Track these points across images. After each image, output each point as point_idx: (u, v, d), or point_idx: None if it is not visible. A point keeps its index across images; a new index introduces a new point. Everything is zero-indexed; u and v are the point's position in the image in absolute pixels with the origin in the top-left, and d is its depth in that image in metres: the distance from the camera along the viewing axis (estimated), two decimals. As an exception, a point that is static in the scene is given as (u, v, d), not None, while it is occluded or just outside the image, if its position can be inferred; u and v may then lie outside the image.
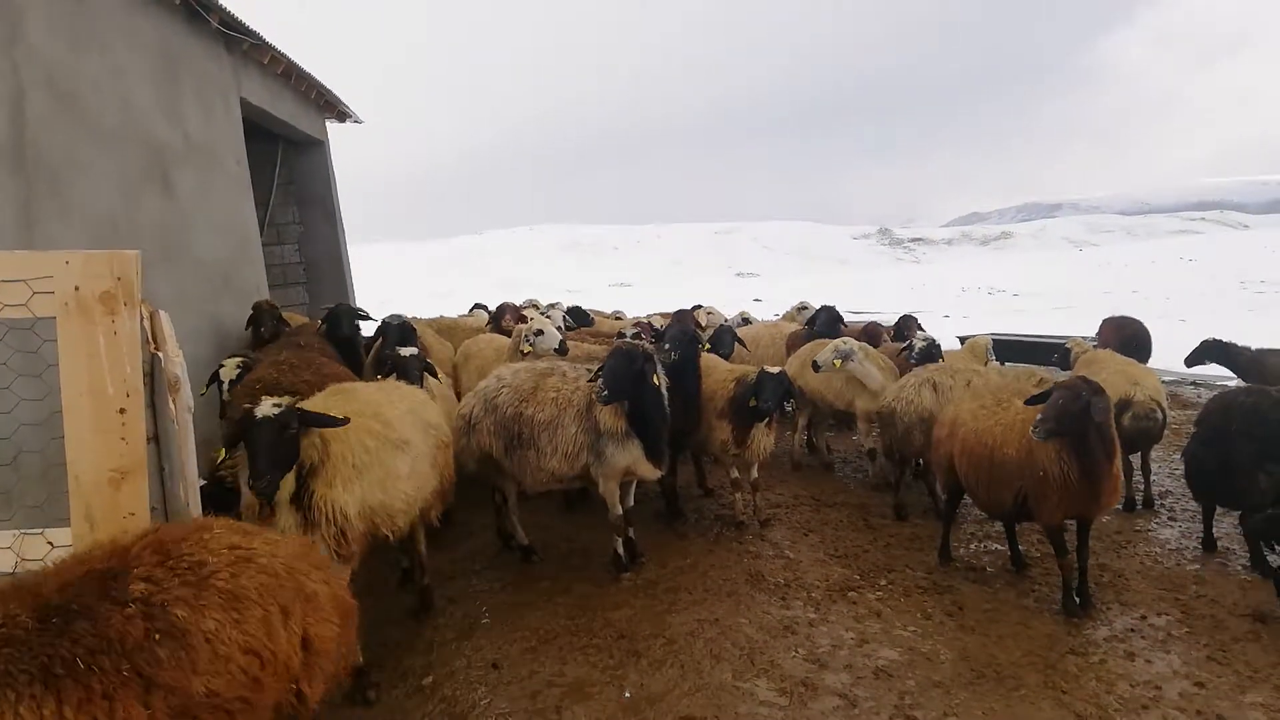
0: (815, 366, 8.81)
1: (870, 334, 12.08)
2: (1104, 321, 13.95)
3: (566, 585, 6.79)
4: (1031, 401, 5.96)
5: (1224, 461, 6.63)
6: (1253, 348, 10.96)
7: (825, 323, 11.10)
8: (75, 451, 3.38)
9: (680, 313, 13.38)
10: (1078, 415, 5.54)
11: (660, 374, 6.77)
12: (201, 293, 9.38)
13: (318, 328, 9.30)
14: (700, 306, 14.02)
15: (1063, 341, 10.63)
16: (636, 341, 7.17)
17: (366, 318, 9.61)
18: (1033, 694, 5.01)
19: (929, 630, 5.91)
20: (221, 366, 7.53)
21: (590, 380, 6.70)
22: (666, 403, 6.83)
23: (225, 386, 7.33)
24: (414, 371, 7.05)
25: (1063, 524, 6.06)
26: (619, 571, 6.92)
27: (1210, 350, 11.22)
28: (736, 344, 10.33)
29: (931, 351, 9.08)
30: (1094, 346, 10.51)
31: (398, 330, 9.22)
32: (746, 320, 13.76)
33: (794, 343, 11.34)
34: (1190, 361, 11.53)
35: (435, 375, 7.69)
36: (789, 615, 6.16)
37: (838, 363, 8.74)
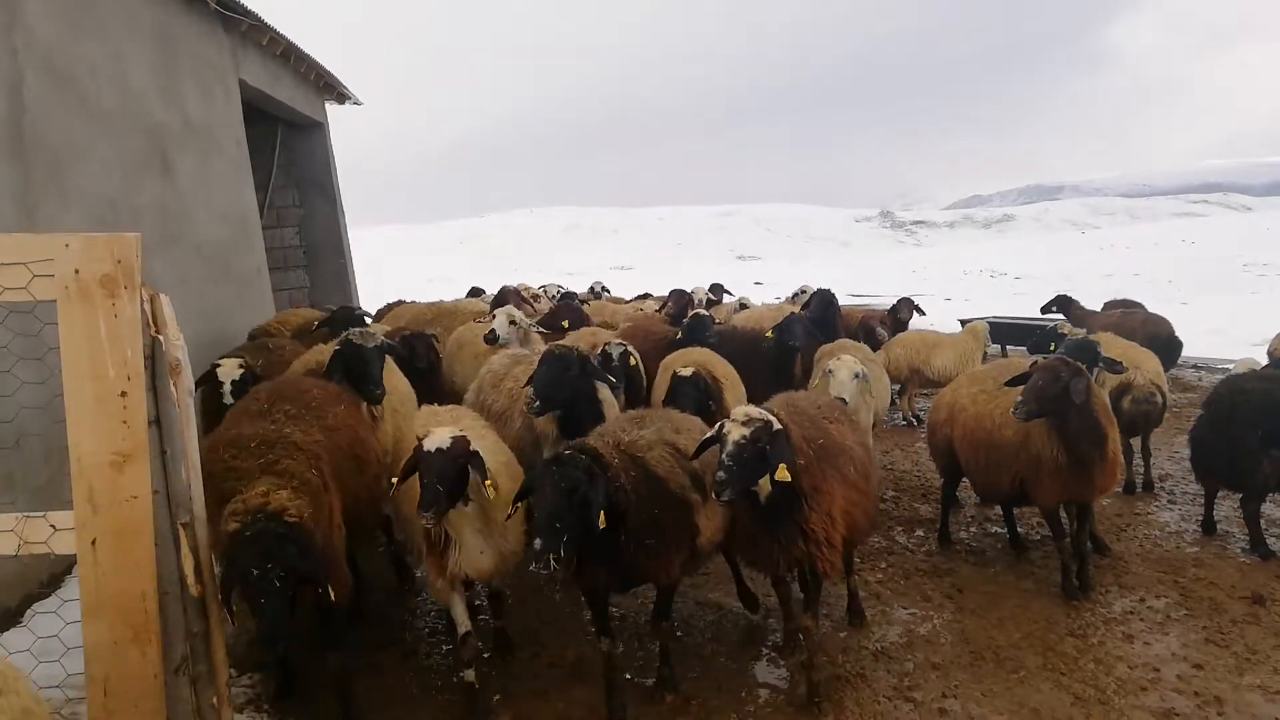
0: (842, 404, 6.53)
1: (865, 328, 11.99)
2: (1105, 305, 14.05)
3: (568, 568, 6.81)
4: (1012, 383, 5.98)
5: (1229, 445, 6.64)
6: (1086, 306, 13.81)
7: (818, 306, 10.64)
8: (77, 434, 3.38)
9: (677, 293, 13.30)
10: (1057, 397, 5.58)
11: (602, 380, 6.42)
12: (202, 276, 9.37)
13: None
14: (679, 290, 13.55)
15: (1055, 326, 10.65)
16: (570, 346, 6.39)
17: (254, 376, 6.56)
18: (1032, 675, 5.04)
19: (928, 612, 5.94)
20: (218, 365, 6.50)
21: (525, 385, 6.16)
22: (605, 409, 6.29)
23: (227, 389, 6.32)
24: (374, 374, 5.77)
25: (1059, 507, 6.09)
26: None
27: (1058, 302, 14.12)
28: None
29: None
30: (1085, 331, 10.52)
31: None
32: (744, 305, 13.69)
33: (795, 325, 11.26)
34: (1043, 310, 14.57)
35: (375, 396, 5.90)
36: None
37: (865, 386, 7.33)
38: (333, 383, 5.83)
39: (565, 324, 10.21)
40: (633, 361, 7.34)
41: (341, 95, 14.83)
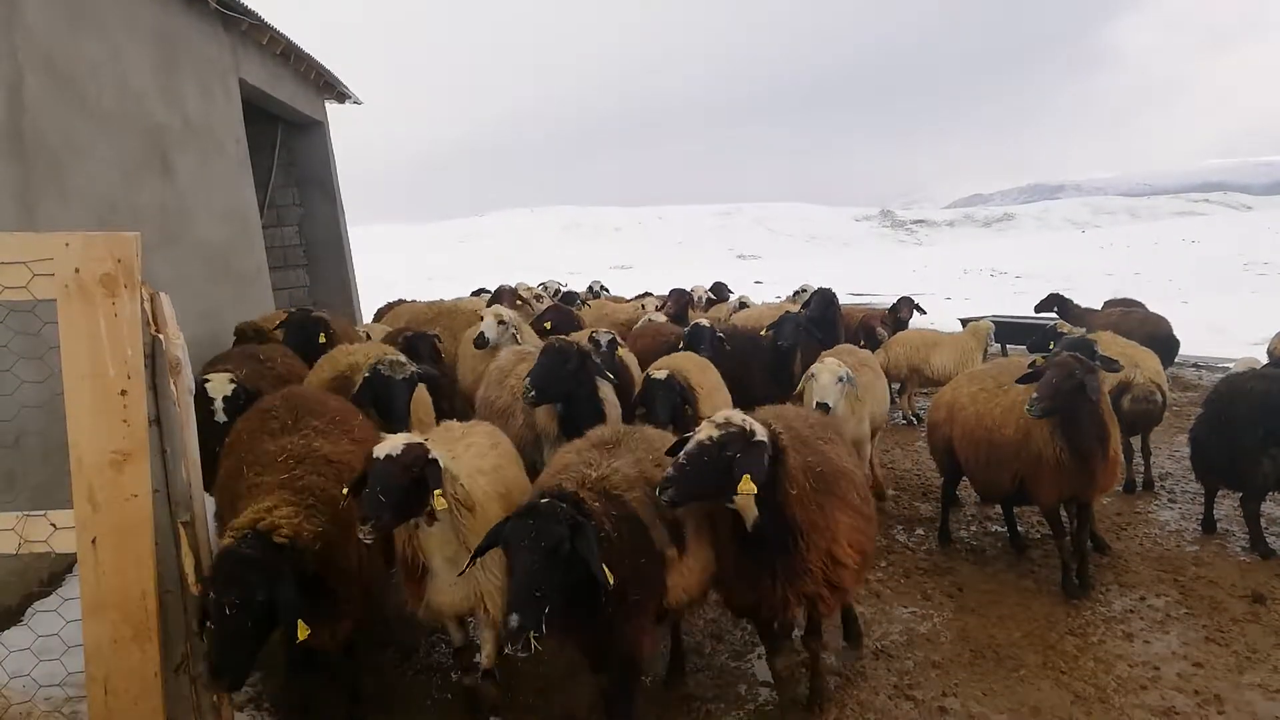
0: (825, 409, 6.43)
1: (865, 327, 11.97)
2: (1105, 304, 14.07)
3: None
4: (1024, 380, 5.95)
5: (1229, 444, 6.65)
6: (1081, 305, 13.97)
7: (819, 306, 10.52)
8: (77, 433, 3.39)
9: (676, 292, 13.30)
10: (1071, 393, 5.55)
11: (603, 376, 6.30)
12: (202, 275, 9.36)
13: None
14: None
15: (1054, 324, 10.66)
16: (571, 340, 6.34)
17: (247, 392, 6.12)
18: (1032, 674, 5.04)
19: (928, 611, 5.94)
20: (207, 381, 5.97)
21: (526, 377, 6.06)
22: (607, 408, 6.26)
23: (219, 405, 5.90)
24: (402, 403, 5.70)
25: (1059, 506, 6.08)
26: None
27: (1052, 301, 14.31)
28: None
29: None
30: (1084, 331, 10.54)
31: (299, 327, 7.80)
32: (744, 304, 13.70)
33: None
34: (1037, 309, 14.76)
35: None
36: (789, 596, 6.17)
37: (850, 390, 6.92)
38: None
39: (548, 325, 10.16)
40: (620, 353, 7.27)
41: (341, 94, 14.82)
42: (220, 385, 6.02)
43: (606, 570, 3.47)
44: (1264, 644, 5.28)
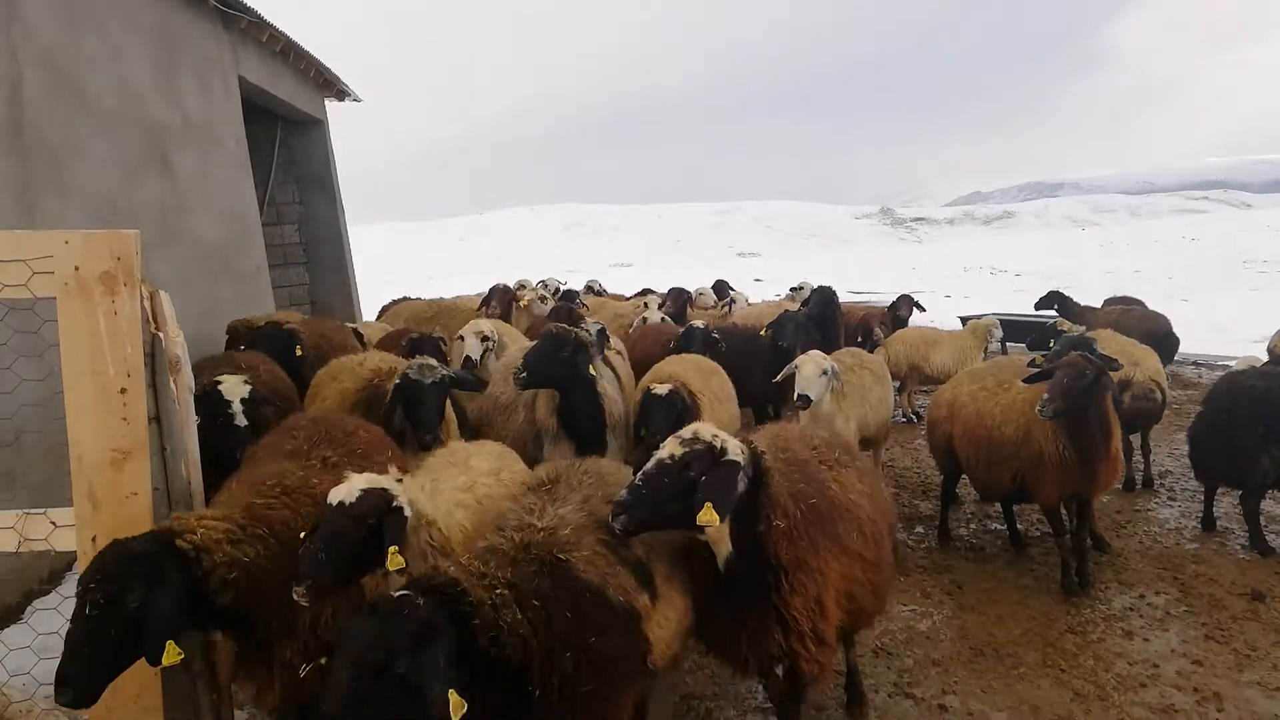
0: (805, 401, 6.47)
1: (864, 327, 11.97)
2: (1105, 301, 14.08)
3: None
4: (1032, 380, 5.94)
5: (1229, 442, 6.65)
6: (1081, 303, 13.87)
7: (818, 304, 10.36)
8: (77, 432, 3.39)
9: (675, 291, 13.29)
10: (1084, 392, 5.54)
11: (599, 368, 6.03)
12: (201, 273, 9.36)
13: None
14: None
15: (1054, 322, 10.66)
16: (572, 329, 6.08)
17: (264, 398, 5.72)
18: (1031, 672, 5.04)
19: (928, 609, 5.94)
20: (219, 382, 5.40)
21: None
22: (606, 402, 6.01)
23: (237, 409, 5.31)
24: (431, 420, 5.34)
25: (1060, 503, 6.08)
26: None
27: (1052, 299, 14.18)
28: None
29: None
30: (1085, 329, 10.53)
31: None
32: (733, 301, 13.65)
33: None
34: (1037, 306, 14.74)
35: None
36: (789, 594, 6.16)
37: (835, 385, 6.78)
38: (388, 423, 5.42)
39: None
40: (610, 346, 7.17)
41: (341, 92, 14.80)
42: (236, 387, 5.47)
43: (453, 700, 2.46)
44: (1263, 642, 5.29)
